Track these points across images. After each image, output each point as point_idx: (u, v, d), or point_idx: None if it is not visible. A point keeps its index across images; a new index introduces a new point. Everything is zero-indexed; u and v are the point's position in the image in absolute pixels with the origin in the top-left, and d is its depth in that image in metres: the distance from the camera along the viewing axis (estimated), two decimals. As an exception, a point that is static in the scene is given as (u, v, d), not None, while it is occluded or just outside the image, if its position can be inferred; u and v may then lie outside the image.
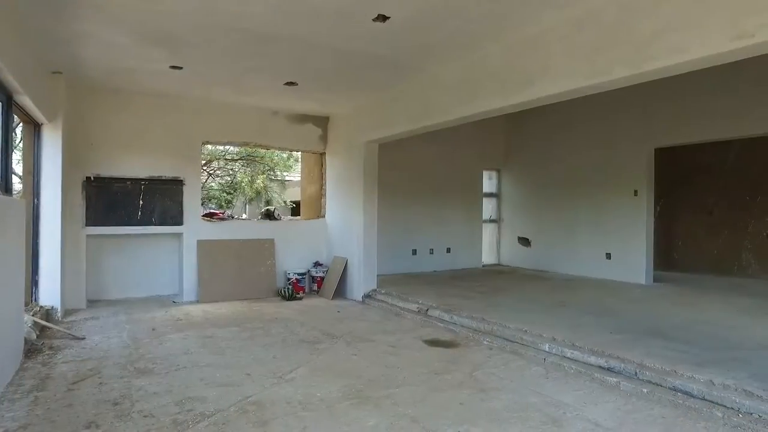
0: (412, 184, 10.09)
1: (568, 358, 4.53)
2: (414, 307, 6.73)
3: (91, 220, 7.02)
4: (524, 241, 10.95)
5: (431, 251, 10.29)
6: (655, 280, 8.80)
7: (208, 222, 8.08)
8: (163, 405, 3.52)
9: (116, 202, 7.23)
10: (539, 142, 10.67)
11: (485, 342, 5.27)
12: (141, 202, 7.43)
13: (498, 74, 5.19)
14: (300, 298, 8.01)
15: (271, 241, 8.50)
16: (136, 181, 7.40)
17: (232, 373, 4.27)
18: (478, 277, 9.42)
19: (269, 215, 8.92)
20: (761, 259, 9.76)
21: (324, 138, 9.09)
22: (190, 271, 7.71)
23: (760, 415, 3.38)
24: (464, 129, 10.77)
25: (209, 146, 16.31)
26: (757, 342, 4.87)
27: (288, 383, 4.04)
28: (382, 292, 7.68)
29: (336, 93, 7.35)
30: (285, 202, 19.27)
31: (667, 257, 10.96)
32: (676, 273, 10.13)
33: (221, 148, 17.57)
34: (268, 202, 20.14)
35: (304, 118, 8.89)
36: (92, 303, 7.11)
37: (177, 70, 6.15)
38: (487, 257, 11.41)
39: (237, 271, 8.06)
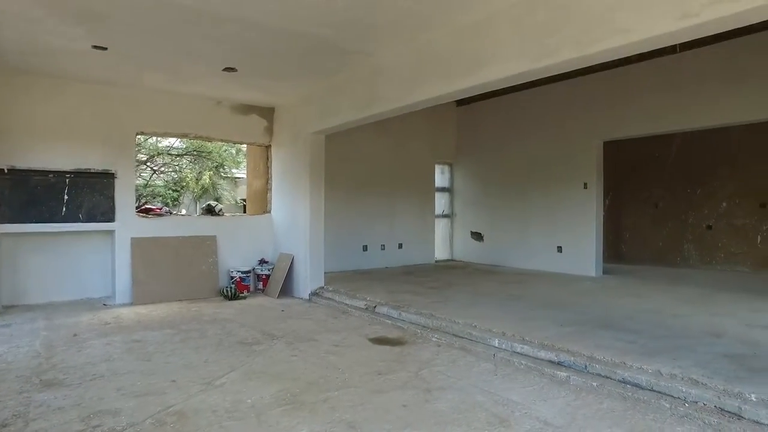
0: (362, 178, 9.82)
1: (518, 353, 4.37)
2: (362, 304, 6.46)
3: (6, 217, 6.36)
4: (477, 236, 10.88)
5: (383, 247, 10.05)
6: (605, 272, 8.87)
7: (144, 218, 7.53)
8: (66, 422, 3.10)
9: (36, 197, 6.60)
10: (491, 135, 10.61)
11: (434, 339, 5.06)
12: (66, 197, 6.82)
13: (445, 59, 4.98)
14: (243, 298, 7.59)
15: (213, 238, 8.03)
16: (60, 174, 6.79)
17: (155, 380, 3.87)
18: (430, 272, 9.25)
19: (210, 211, 8.44)
20: (701, 250, 10.05)
21: (270, 130, 8.68)
22: (123, 270, 7.16)
23: (705, 403, 3.30)
24: (416, 121, 10.64)
25: (153, 140, 15.56)
26: (700, 329, 4.87)
27: (217, 389, 3.68)
28: (330, 289, 7.37)
29: (280, 80, 6.97)
30: (236, 200, 18.60)
31: (616, 249, 11.15)
32: (623, 265, 10.29)
33: (167, 142, 16.77)
34: (218, 200, 19.41)
35: (248, 109, 8.45)
36: (7, 309, 6.46)
37: (101, 51, 5.62)
38: (440, 252, 11.28)
39: (175, 270, 7.55)
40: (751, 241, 9.43)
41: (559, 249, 9.19)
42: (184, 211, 13.57)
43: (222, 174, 18.36)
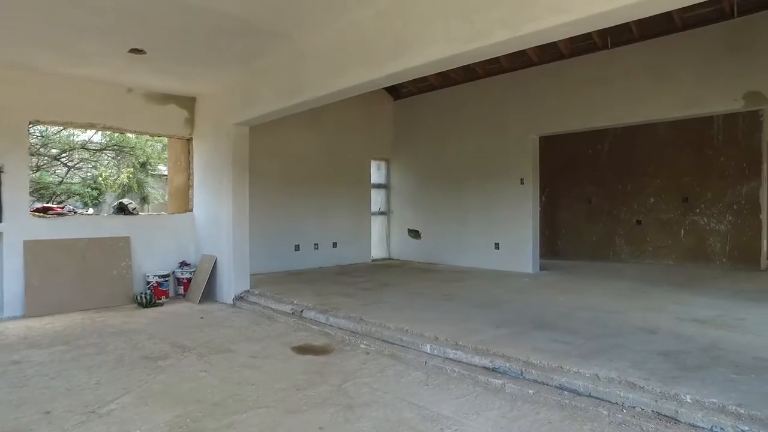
0: (294, 174, 9.30)
1: (451, 359, 4.06)
2: (288, 308, 5.98)
3: None
4: (414, 234, 10.62)
5: (316, 246, 9.57)
6: (541, 268, 8.83)
7: (41, 218, 6.67)
8: None
9: None
10: (429, 130, 10.37)
11: (362, 345, 4.67)
12: (-59, 195, 5.90)
13: (370, 42, 4.59)
14: (161, 304, 6.91)
15: (127, 239, 7.27)
16: (-67, 168, 5.86)
17: (24, 413, 3.23)
18: (365, 272, 8.87)
19: (123, 209, 7.64)
20: (631, 244, 10.27)
21: (191, 121, 7.99)
22: (13, 278, 6.29)
23: (642, 408, 3.11)
24: (351, 116, 10.24)
25: (65, 133, 14.25)
26: (634, 325, 4.76)
27: (101, 420, 3.12)
28: (256, 293, 6.83)
29: (196, 66, 6.35)
30: (165, 199, 17.46)
31: (552, 245, 11.23)
32: (559, 260, 10.35)
33: (85, 136, 15.45)
34: (144, 199, 18.19)
35: (166, 98, 7.72)
36: None
37: (-27, 23, 4.83)
38: (377, 251, 10.94)
39: (81, 276, 6.75)
40: (676, 234, 9.71)
41: (497, 246, 9.07)
42: (91, 210, 12.46)
43: (149, 171, 17.21)
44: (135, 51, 5.68)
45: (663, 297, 6.25)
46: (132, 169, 15.30)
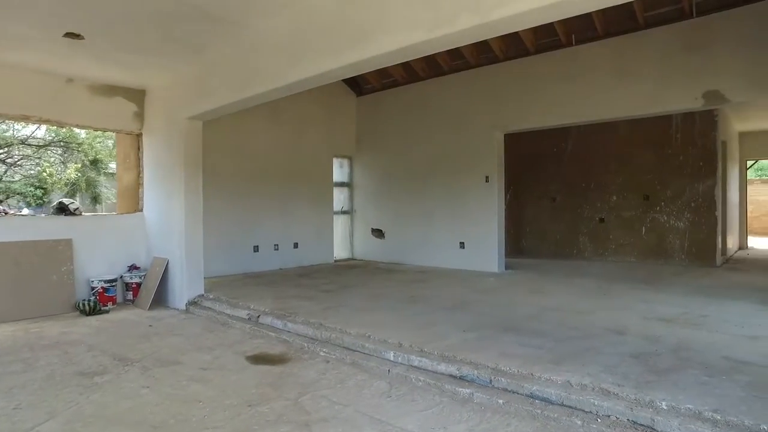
0: (253, 172, 8.90)
1: (416, 367, 3.82)
2: (244, 314, 5.63)
3: None
4: (378, 233, 10.37)
5: (276, 247, 9.20)
6: (507, 267, 8.73)
7: (-31, 220, 6.09)
8: None
9: None
10: (393, 127, 10.15)
11: (322, 353, 4.38)
12: None
13: (329, 29, 4.30)
14: (106, 312, 6.41)
15: (68, 242, 6.73)
16: None
17: (-72, 442, 2.82)
18: (327, 273, 8.57)
19: (63, 209, 7.08)
20: (595, 242, 10.33)
21: (140, 115, 7.48)
22: (-64, 286, 5.70)
23: (617, 416, 2.94)
24: (313, 112, 9.90)
25: (3, 127, 13.36)
26: (603, 326, 4.65)
27: (18, 450, 2.73)
28: (210, 297, 6.44)
29: (143, 55, 5.91)
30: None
31: (517, 244, 11.19)
32: (524, 259, 10.31)
33: (27, 131, 14.54)
34: (95, 199, 17.32)
35: (112, 90, 7.20)
36: None
37: None
38: (340, 251, 10.64)
39: (14, 283, 6.18)
40: (637, 232, 9.81)
41: (462, 245, 8.93)
42: (26, 211, 11.67)
43: (101, 169, 16.38)
44: (71, 35, 5.20)
45: (628, 295, 6.21)
46: (78, 165, 14.47)
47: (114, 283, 6.86)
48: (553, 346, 3.99)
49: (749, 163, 13.84)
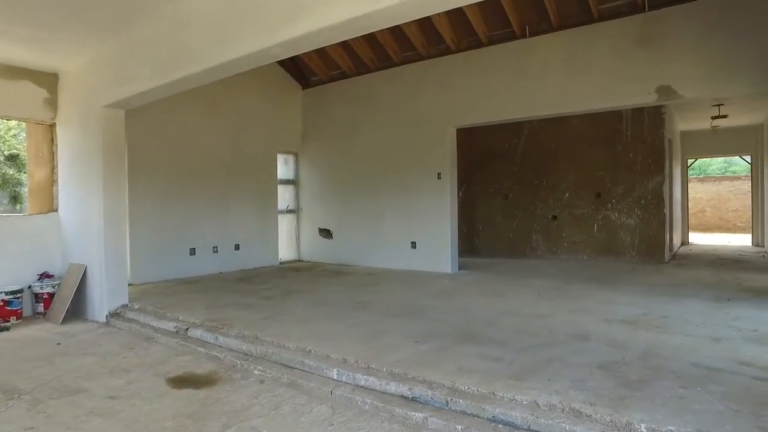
0: (189, 168, 8.17)
1: (363, 387, 3.34)
2: (171, 326, 4.98)
3: None
4: (326, 233, 9.83)
5: (215, 249, 8.49)
6: (460, 267, 8.41)
7: None
8: None
9: None
10: (341, 121, 9.63)
11: (256, 372, 3.84)
12: None
13: (263, 3, 3.76)
14: (6, 329, 5.57)
15: (-36, 248, 5.84)
16: None
17: None
18: (270, 277, 7.95)
19: (-42, 210, 6.17)
20: (547, 240, 10.20)
21: (53, 102, 6.63)
22: None
23: (590, 440, 2.58)
24: (255, 105, 9.25)
25: None
26: (564, 331, 4.34)
27: None
28: (135, 307, 5.73)
29: (53, 31, 5.15)
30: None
31: (470, 242, 10.94)
32: (477, 258, 10.05)
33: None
34: (15, 199, 15.85)
35: (16, 73, 6.31)
36: None
37: None
38: (286, 252, 10.03)
39: None
40: (590, 229, 9.74)
41: (413, 245, 8.53)
42: None
43: (21, 166, 14.95)
44: (-44, 5, 4.41)
45: (585, 296, 5.98)
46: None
47: (19, 295, 5.99)
48: (514, 357, 3.61)
49: (689, 161, 14.23)
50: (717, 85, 6.15)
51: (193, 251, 8.18)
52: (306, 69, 9.99)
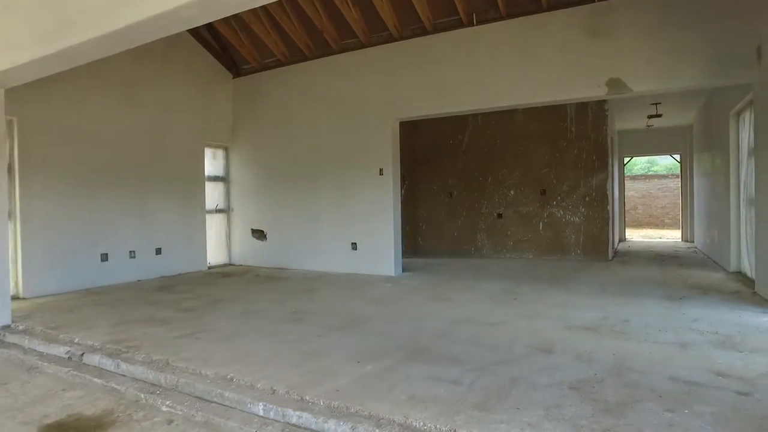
0: (101, 164, 7.16)
1: (295, 426, 2.71)
2: (63, 351, 4.11)
3: None
4: (259, 234, 9.05)
5: (132, 254, 7.51)
6: (404, 269, 7.92)
7: None
8: None
9: None
10: (276, 113, 8.88)
11: (164, 408, 3.11)
12: None
13: (166, -52, 3.05)
14: None
15: None
16: None
17: None
18: (195, 284, 7.10)
19: None
20: (493, 239, 9.92)
21: None
22: None
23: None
24: (179, 93, 8.32)
25: None
26: (524, 342, 3.90)
27: None
28: (21, 328, 4.77)
29: None
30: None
31: (413, 242, 10.49)
32: (421, 259, 9.61)
33: None
34: None
35: None
36: None
37: None
38: (216, 256, 9.16)
39: None
40: (535, 227, 9.54)
41: (354, 246, 7.94)
42: None
43: None
44: None
45: (539, 299, 5.63)
46: None
47: None
48: (474, 379, 3.10)
49: (625, 160, 14.53)
50: (666, 79, 5.99)
51: (105, 257, 7.18)
52: (237, 56, 9.16)
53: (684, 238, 13.15)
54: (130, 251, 7.50)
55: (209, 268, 8.77)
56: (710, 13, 5.63)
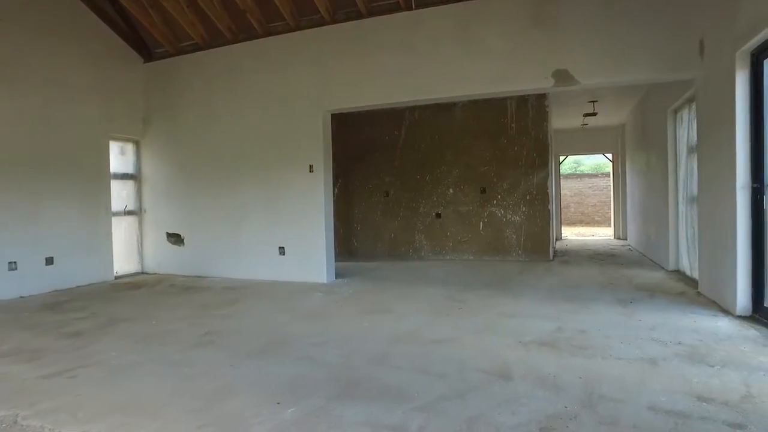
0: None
1: None
2: None
3: None
4: (175, 239, 8.05)
5: (12, 266, 6.31)
6: (338, 275, 7.25)
7: None
8: None
9: None
10: (193, 103, 7.91)
11: (2, 489, 2.27)
12: None
13: None
14: None
15: None
16: None
17: None
18: (94, 299, 6.05)
19: None
20: (432, 240, 9.44)
21: None
22: None
23: None
24: (78, 78, 7.20)
25: None
26: (477, 366, 3.33)
27: None
28: None
29: None
30: None
31: (347, 244, 9.83)
32: (356, 262, 8.97)
33: None
34: None
35: None
36: None
37: None
38: (125, 265, 8.06)
39: None
40: (475, 227, 9.16)
41: (282, 250, 7.17)
42: None
43: None
44: None
45: (486, 307, 5.13)
46: None
47: None
48: (423, 424, 2.47)
49: (560, 158, 14.62)
50: (613, 72, 5.72)
51: (-24, 269, 5.98)
52: (149, 38, 8.11)
53: (616, 236, 13.35)
54: (10, 262, 6.30)
55: (116, 278, 7.66)
56: (656, 6, 5.39)
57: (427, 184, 9.40)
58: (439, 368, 3.30)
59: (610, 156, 14.08)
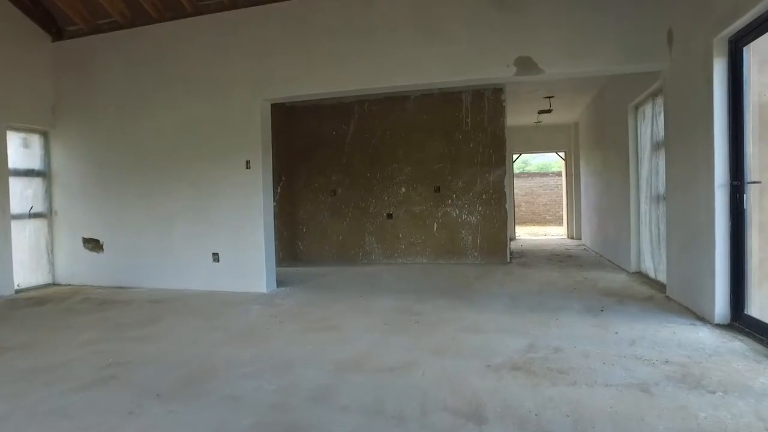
0: None
1: None
2: None
3: None
4: (93, 245, 7.04)
5: None
6: (280, 283, 6.51)
7: None
8: None
9: None
10: (113, 89, 6.93)
11: None
12: None
13: None
14: None
15: None
16: None
17: None
18: (-22, 320, 5.05)
19: None
20: (383, 242, 8.84)
21: None
22: None
23: None
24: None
25: None
26: (445, 404, 2.74)
27: None
28: None
29: None
30: None
31: (292, 248, 9.07)
32: (301, 267, 8.24)
33: None
34: None
35: None
36: None
37: None
38: (32, 275, 6.96)
39: None
40: (429, 228, 8.63)
41: (216, 257, 6.35)
42: None
43: None
44: None
45: (445, 321, 4.55)
46: None
47: None
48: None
49: (514, 157, 14.38)
50: (578, 61, 5.31)
51: None
52: (59, 13, 7.05)
53: (570, 236, 13.21)
54: None
55: (17, 291, 6.58)
56: (628, -12, 4.99)
57: (378, 182, 8.78)
58: (396, 407, 2.67)
59: (562, 154, 13.96)
